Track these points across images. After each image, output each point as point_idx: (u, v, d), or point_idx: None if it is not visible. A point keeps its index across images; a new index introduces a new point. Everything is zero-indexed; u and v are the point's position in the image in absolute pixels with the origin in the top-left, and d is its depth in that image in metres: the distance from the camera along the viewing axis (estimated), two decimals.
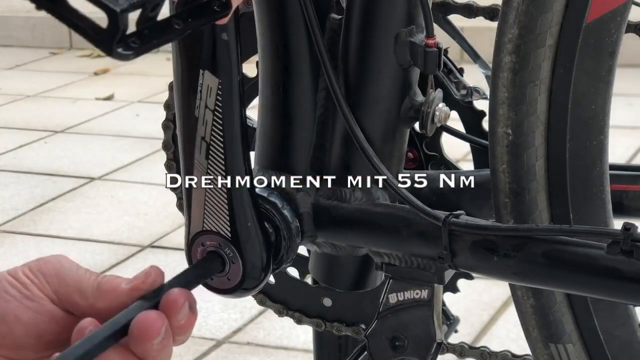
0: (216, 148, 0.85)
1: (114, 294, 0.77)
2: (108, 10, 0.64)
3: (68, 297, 0.77)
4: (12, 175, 2.92)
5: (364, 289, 1.06)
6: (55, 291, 0.77)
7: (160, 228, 2.49)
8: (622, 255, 0.82)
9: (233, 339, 1.98)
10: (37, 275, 0.77)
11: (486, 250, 0.87)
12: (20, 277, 0.77)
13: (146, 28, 0.68)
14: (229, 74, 0.84)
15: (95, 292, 0.77)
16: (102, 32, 0.65)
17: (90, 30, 0.65)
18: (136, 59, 0.67)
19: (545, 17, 0.85)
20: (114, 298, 0.77)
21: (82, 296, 0.77)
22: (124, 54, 0.66)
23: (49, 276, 0.77)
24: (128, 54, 0.66)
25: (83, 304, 0.77)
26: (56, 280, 0.77)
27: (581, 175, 0.91)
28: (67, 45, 4.58)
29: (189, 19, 0.71)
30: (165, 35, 0.69)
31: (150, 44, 0.68)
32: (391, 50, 0.92)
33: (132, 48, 0.66)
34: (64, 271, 0.78)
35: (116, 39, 0.65)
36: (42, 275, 0.77)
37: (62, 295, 0.77)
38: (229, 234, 0.86)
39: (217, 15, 0.73)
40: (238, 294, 0.88)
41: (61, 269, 0.78)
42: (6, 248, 2.41)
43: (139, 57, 0.67)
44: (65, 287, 0.77)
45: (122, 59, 0.66)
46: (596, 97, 0.89)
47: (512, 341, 1.88)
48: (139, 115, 3.48)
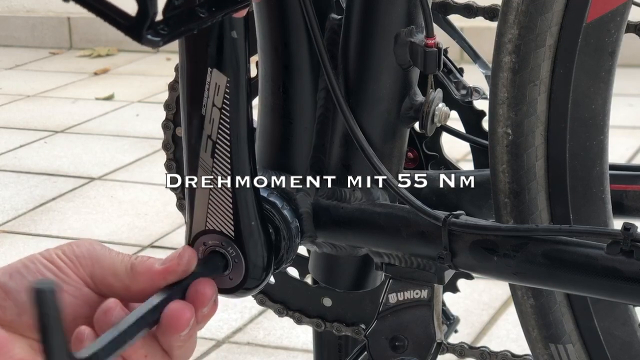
0: (222, 146, 0.85)
1: (148, 275, 0.77)
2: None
3: (103, 280, 0.76)
4: (12, 175, 2.92)
5: (364, 289, 1.06)
6: (90, 274, 0.76)
7: (160, 228, 2.49)
8: (622, 255, 0.82)
9: (233, 339, 1.98)
10: (71, 259, 0.76)
11: (486, 250, 0.87)
12: (55, 260, 0.76)
13: (173, 16, 0.68)
14: (237, 72, 0.84)
15: (129, 274, 0.77)
16: (131, 20, 0.65)
17: (119, 18, 0.65)
18: (134, 59, 0.67)
19: (545, 17, 0.85)
20: (148, 280, 0.77)
21: (117, 278, 0.76)
22: (154, 40, 0.66)
23: (83, 259, 0.77)
24: (157, 41, 0.67)
25: (117, 285, 0.77)
26: (90, 263, 0.76)
27: (581, 175, 0.91)
28: (67, 45, 4.58)
29: (212, 9, 0.72)
30: (191, 23, 0.70)
31: (178, 31, 0.69)
32: (391, 50, 0.92)
33: (161, 35, 0.67)
34: (97, 254, 0.77)
35: (146, 26, 0.65)
36: (76, 258, 0.76)
37: (97, 278, 0.76)
38: (232, 233, 0.86)
39: (238, 5, 0.74)
40: (239, 293, 0.88)
41: (94, 252, 0.77)
42: (6, 248, 2.41)
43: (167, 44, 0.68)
44: (99, 269, 0.76)
45: (152, 45, 0.67)
46: (596, 97, 0.89)
47: (512, 341, 1.88)
48: (139, 115, 3.48)
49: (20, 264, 0.75)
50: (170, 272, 0.77)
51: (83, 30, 4.51)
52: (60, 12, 4.51)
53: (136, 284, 0.77)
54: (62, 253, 0.77)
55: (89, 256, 0.77)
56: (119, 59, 4.30)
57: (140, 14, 0.65)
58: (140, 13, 0.65)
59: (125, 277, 0.77)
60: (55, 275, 0.75)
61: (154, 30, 0.67)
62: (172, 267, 0.78)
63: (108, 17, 0.66)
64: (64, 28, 4.57)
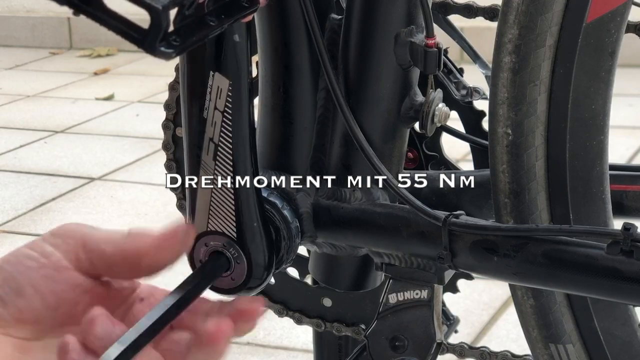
0: (224, 149, 0.85)
1: (145, 239, 0.73)
2: (150, 8, 0.64)
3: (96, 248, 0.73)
4: (12, 175, 2.92)
5: (364, 289, 1.06)
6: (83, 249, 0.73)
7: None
8: (622, 256, 0.82)
9: (233, 339, 1.98)
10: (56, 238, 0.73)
11: (486, 251, 0.87)
12: (38, 244, 0.73)
13: (183, 26, 0.68)
14: (239, 76, 0.84)
15: (125, 238, 0.73)
16: (144, 32, 0.65)
17: (132, 31, 0.65)
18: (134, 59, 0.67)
19: (545, 17, 0.85)
20: (144, 243, 0.73)
21: (113, 244, 0.73)
22: (167, 53, 0.66)
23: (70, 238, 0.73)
24: (170, 52, 0.66)
25: (112, 250, 0.72)
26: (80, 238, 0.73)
27: (581, 176, 0.91)
28: (67, 45, 4.58)
29: (221, 16, 0.72)
30: (202, 32, 0.70)
31: (190, 42, 0.68)
32: (391, 51, 0.92)
33: (174, 46, 0.67)
34: (87, 230, 0.74)
35: (159, 38, 0.65)
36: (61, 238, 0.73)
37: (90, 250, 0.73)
38: (234, 234, 0.86)
39: (247, 11, 0.74)
40: (241, 293, 0.88)
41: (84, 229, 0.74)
42: (6, 248, 2.41)
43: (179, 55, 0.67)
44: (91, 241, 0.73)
45: (165, 57, 0.66)
46: (596, 97, 0.89)
47: (512, 341, 1.88)
48: (139, 115, 3.48)
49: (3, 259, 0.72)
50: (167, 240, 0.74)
51: (83, 30, 4.51)
52: (60, 12, 4.51)
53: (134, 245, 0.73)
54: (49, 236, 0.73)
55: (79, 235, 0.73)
56: (119, 59, 4.30)
57: (154, 25, 0.65)
58: (154, 24, 0.65)
59: (121, 240, 0.73)
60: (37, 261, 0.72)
61: (167, 42, 0.66)
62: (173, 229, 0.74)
63: (120, 31, 0.66)
64: (64, 28, 4.57)
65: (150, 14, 0.65)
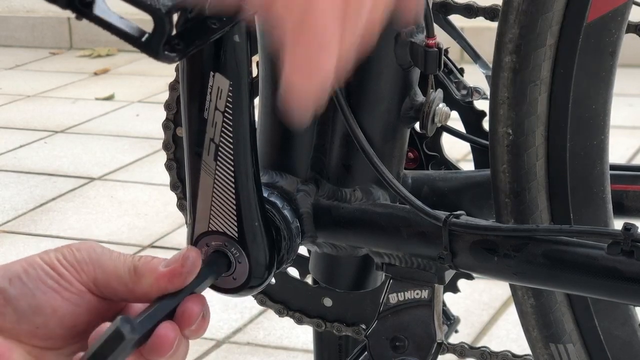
0: (225, 149, 0.85)
1: (152, 278, 0.75)
2: (154, 12, 0.64)
3: (106, 285, 0.75)
4: (12, 175, 2.92)
5: (364, 289, 1.06)
6: (93, 280, 0.74)
7: (160, 228, 2.49)
8: (623, 256, 0.82)
9: (233, 339, 1.98)
10: (73, 265, 0.74)
11: (486, 251, 0.87)
12: (56, 266, 0.74)
13: (186, 29, 0.68)
14: (240, 76, 0.84)
15: (132, 277, 0.75)
16: (148, 36, 0.65)
17: (135, 35, 0.65)
18: (134, 59, 0.67)
19: (545, 17, 0.85)
20: (152, 282, 0.75)
21: (120, 281, 0.75)
22: (170, 56, 0.66)
23: (85, 264, 0.74)
24: (174, 56, 0.66)
25: (121, 289, 0.75)
26: (92, 269, 0.74)
27: (581, 175, 0.91)
28: (67, 45, 4.58)
29: (223, 18, 0.72)
30: (205, 35, 0.70)
31: (193, 45, 0.68)
32: (391, 51, 0.92)
33: (177, 50, 0.67)
34: (98, 258, 0.75)
35: (163, 42, 0.65)
36: (77, 264, 0.74)
37: (100, 283, 0.75)
38: (235, 234, 0.87)
39: (246, 12, 0.74)
40: (243, 293, 0.89)
41: (96, 256, 0.75)
42: (6, 248, 2.41)
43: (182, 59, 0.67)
44: (102, 274, 0.74)
45: (169, 61, 0.66)
46: (597, 97, 0.89)
47: (512, 341, 1.88)
48: (139, 115, 3.48)
49: (20, 269, 0.73)
50: (175, 275, 0.76)
51: (83, 31, 4.51)
52: (60, 12, 4.49)
53: (140, 287, 0.75)
54: (63, 258, 0.74)
55: (90, 261, 0.75)
56: (119, 59, 4.30)
57: (157, 29, 0.65)
58: (157, 28, 0.65)
59: (129, 280, 0.75)
60: (58, 282, 0.73)
61: (170, 46, 0.66)
62: (177, 269, 0.76)
63: (124, 35, 0.66)
64: (64, 28, 4.57)
65: (153, 18, 0.65)
